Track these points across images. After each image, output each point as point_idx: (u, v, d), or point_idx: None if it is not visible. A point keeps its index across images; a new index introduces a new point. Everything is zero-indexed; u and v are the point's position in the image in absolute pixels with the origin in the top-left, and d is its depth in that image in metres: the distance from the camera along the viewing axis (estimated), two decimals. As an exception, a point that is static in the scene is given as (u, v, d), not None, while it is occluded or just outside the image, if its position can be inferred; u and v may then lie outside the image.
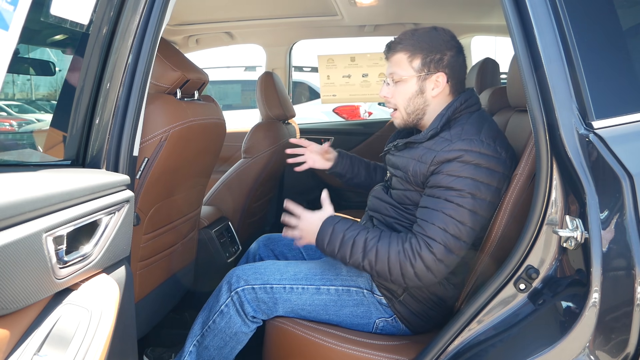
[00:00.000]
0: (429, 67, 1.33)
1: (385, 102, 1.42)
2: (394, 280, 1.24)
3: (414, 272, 1.19)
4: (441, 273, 1.20)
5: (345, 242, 1.26)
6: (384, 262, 1.22)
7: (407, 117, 1.39)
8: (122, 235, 1.04)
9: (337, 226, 1.28)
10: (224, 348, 1.44)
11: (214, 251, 2.05)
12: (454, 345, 1.15)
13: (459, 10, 2.68)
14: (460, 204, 1.18)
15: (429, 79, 1.34)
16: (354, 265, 1.27)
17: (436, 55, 1.33)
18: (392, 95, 1.38)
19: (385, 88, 1.40)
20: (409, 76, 1.34)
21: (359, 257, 1.24)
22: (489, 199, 1.21)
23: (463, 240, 1.19)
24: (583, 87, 0.98)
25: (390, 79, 1.38)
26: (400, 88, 1.36)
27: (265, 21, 2.86)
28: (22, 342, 0.79)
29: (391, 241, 1.23)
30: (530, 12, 1.02)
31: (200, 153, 1.62)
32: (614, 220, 0.91)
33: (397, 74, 1.35)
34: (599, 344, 0.94)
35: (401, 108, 1.38)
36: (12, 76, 2.02)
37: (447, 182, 1.21)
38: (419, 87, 1.34)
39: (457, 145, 1.22)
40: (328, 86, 3.25)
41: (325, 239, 1.28)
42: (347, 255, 1.26)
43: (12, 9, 0.80)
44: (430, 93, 1.35)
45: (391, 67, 1.37)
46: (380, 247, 1.23)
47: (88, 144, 1.12)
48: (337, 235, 1.27)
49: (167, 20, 1.20)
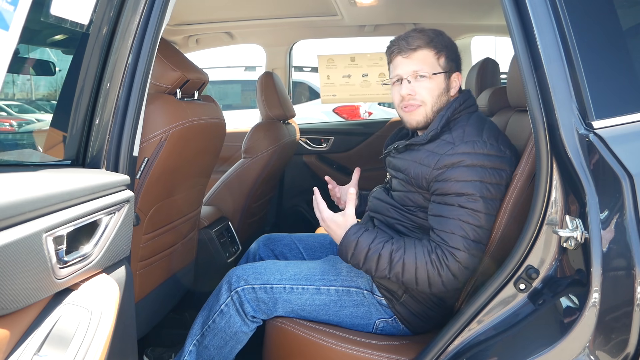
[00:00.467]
0: (452, 66, 1.35)
1: (408, 99, 1.34)
2: (420, 289, 1.25)
3: (442, 281, 1.20)
4: (466, 277, 1.22)
5: (370, 256, 1.25)
6: (412, 274, 1.22)
7: (431, 116, 1.34)
8: (122, 235, 1.04)
9: (361, 239, 1.26)
10: (223, 348, 1.45)
11: (214, 251, 2.05)
12: (454, 345, 1.15)
13: (459, 10, 2.68)
14: (475, 208, 1.19)
15: (452, 77, 1.36)
16: (380, 277, 1.28)
17: (455, 54, 1.36)
18: (415, 92, 1.33)
19: (406, 85, 1.33)
20: (437, 73, 1.33)
21: (386, 270, 1.24)
22: (499, 197, 1.22)
23: (483, 243, 1.21)
24: (583, 87, 0.98)
25: (412, 76, 1.33)
26: (427, 85, 1.32)
27: (265, 21, 2.86)
28: (22, 342, 0.79)
29: (417, 252, 1.22)
30: (530, 12, 1.02)
31: (200, 153, 1.62)
32: (614, 220, 0.91)
33: (424, 70, 1.32)
34: (599, 344, 0.94)
35: (428, 105, 1.33)
36: (12, 76, 2.02)
37: (457, 189, 1.20)
38: (445, 85, 1.35)
39: (461, 148, 1.22)
40: (328, 86, 3.25)
41: (349, 252, 1.27)
42: (372, 269, 1.26)
43: (13, 9, 0.80)
44: (451, 92, 1.37)
45: (413, 64, 1.32)
46: (407, 260, 1.22)
47: (88, 144, 1.12)
48: (361, 249, 1.26)
49: (167, 20, 1.20)
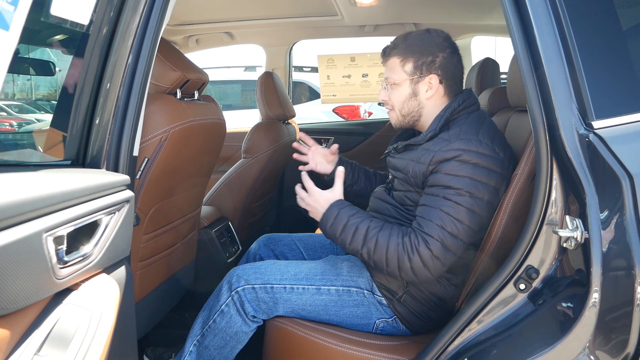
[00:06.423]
0: (421, 70, 1.35)
1: (384, 104, 1.46)
2: (390, 272, 1.25)
3: (411, 266, 1.21)
4: (437, 270, 1.22)
5: (348, 227, 1.28)
6: (382, 253, 1.24)
7: (403, 119, 1.42)
8: (122, 235, 1.04)
9: (342, 211, 1.30)
10: (224, 348, 1.45)
11: (214, 251, 2.05)
12: (454, 345, 1.15)
13: (459, 10, 2.68)
14: (459, 202, 1.20)
15: (422, 81, 1.36)
16: (353, 252, 1.29)
17: (428, 57, 1.35)
18: (388, 98, 1.42)
19: (382, 92, 1.44)
20: (401, 80, 1.37)
21: (359, 244, 1.26)
22: (486, 198, 1.21)
23: (460, 238, 1.20)
24: (583, 87, 0.98)
25: (385, 82, 1.42)
26: (395, 91, 1.39)
27: (265, 21, 2.86)
28: (22, 342, 0.78)
29: (392, 233, 1.25)
30: (530, 12, 1.02)
31: (200, 153, 1.62)
32: (614, 220, 0.91)
33: (391, 78, 1.39)
34: (599, 344, 0.94)
35: (397, 110, 1.41)
36: (12, 76, 2.02)
37: (445, 181, 1.22)
38: (412, 90, 1.37)
39: (455, 145, 1.24)
40: (328, 86, 3.24)
41: (329, 221, 1.30)
42: (347, 241, 1.28)
43: (13, 9, 0.80)
44: (423, 95, 1.37)
45: (386, 72, 1.42)
46: (380, 238, 1.24)
47: (88, 144, 1.12)
48: (341, 219, 1.29)
49: (167, 20, 1.20)
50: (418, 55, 1.35)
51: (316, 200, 1.35)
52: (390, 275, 1.28)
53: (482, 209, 1.21)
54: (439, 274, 1.24)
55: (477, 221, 1.21)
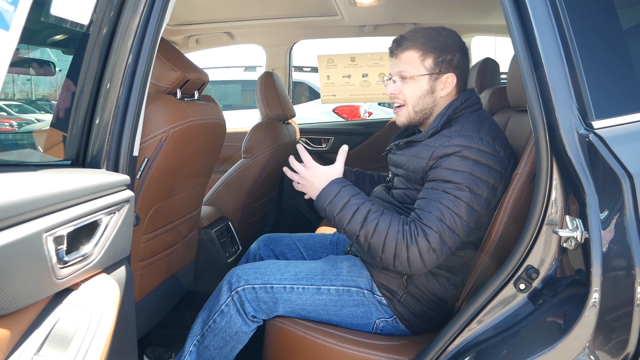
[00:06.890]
0: (441, 67, 1.33)
1: (392, 98, 1.40)
2: (384, 258, 1.21)
3: (408, 255, 1.18)
4: (431, 263, 1.19)
5: (348, 206, 1.23)
6: (381, 238, 1.19)
7: (414, 116, 1.38)
8: (122, 235, 1.04)
9: (344, 189, 1.25)
10: (224, 348, 1.45)
11: (214, 251, 2.05)
12: (454, 345, 1.15)
13: (459, 10, 2.68)
14: (458, 196, 1.19)
15: (440, 79, 1.34)
16: (349, 233, 1.24)
17: (447, 55, 1.33)
18: (399, 92, 1.37)
19: (391, 85, 1.39)
20: (420, 74, 1.34)
21: (358, 225, 1.21)
22: (485, 195, 1.21)
23: (457, 233, 1.19)
24: (583, 87, 0.98)
25: (397, 76, 1.37)
26: (411, 86, 1.35)
27: (265, 21, 2.86)
28: (22, 342, 0.78)
29: (392, 219, 1.21)
30: (530, 12, 1.02)
31: (200, 153, 1.62)
32: (614, 220, 0.91)
33: (408, 71, 1.35)
34: (599, 344, 0.94)
35: (409, 105, 1.37)
36: (12, 76, 2.02)
37: (445, 175, 1.21)
38: (429, 87, 1.35)
39: (456, 141, 1.23)
40: (328, 86, 3.25)
41: (328, 197, 1.25)
42: (345, 221, 1.23)
43: (13, 9, 0.80)
44: (439, 93, 1.35)
45: (400, 65, 1.36)
46: (381, 222, 1.20)
47: (88, 144, 1.12)
48: (341, 197, 1.24)
49: (167, 20, 1.20)
50: (439, 51, 1.33)
51: (313, 175, 1.30)
52: (383, 263, 1.23)
53: (480, 205, 1.21)
54: (432, 267, 1.22)
55: (474, 217, 1.21)
